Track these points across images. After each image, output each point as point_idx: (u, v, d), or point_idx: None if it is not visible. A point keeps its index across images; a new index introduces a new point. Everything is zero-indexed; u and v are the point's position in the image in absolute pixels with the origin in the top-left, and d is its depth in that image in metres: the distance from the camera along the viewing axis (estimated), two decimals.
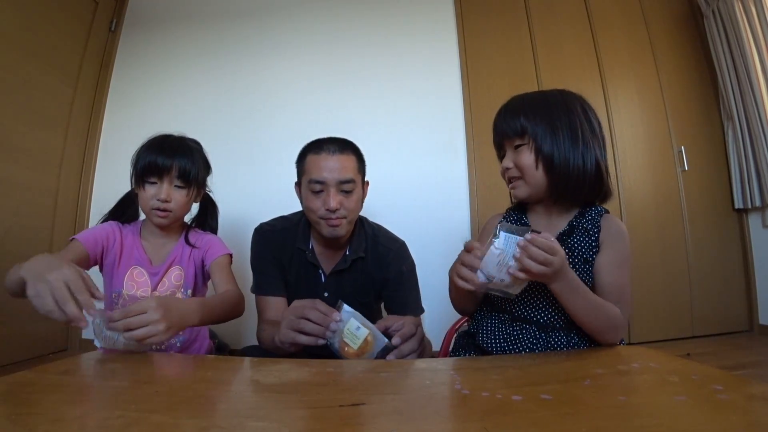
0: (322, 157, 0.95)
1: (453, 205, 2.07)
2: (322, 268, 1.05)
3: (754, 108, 1.98)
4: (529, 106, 0.80)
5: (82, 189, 2.16)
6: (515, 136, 0.79)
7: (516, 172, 0.79)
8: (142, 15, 2.43)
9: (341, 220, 0.96)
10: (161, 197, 0.92)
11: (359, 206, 1.02)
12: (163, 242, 1.02)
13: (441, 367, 0.58)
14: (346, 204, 0.96)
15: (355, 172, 0.98)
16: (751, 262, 2.12)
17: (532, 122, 0.77)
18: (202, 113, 2.22)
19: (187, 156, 0.96)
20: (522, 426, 0.35)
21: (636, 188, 2.13)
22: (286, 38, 2.31)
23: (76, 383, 0.50)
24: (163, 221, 0.96)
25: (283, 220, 1.11)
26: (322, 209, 0.94)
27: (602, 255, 0.74)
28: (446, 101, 2.17)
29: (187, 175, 0.95)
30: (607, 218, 0.78)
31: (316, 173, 0.95)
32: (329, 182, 0.94)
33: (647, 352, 0.60)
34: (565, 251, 0.72)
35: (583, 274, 0.73)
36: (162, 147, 0.95)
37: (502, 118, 0.82)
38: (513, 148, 0.79)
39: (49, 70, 1.98)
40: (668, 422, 0.35)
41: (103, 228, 0.98)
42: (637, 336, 1.99)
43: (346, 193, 0.96)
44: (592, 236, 0.75)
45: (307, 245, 1.05)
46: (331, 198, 0.93)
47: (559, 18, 2.28)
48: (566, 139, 0.76)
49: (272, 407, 0.42)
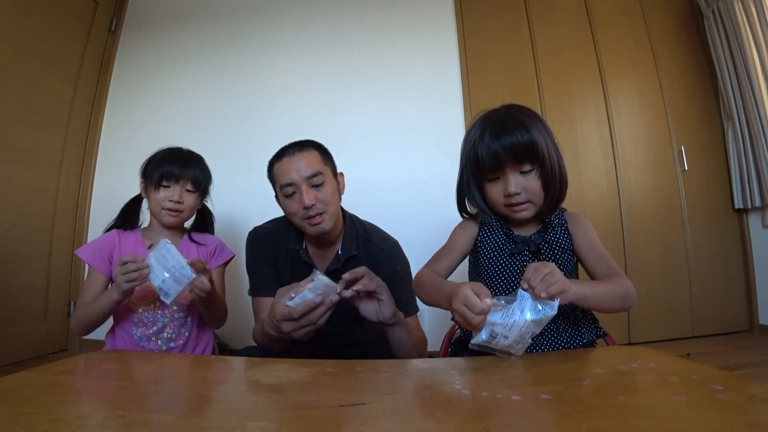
0: (284, 161, 0.99)
1: (452, 204, 2.06)
2: (316, 267, 1.06)
3: (754, 108, 1.97)
4: (534, 128, 0.77)
5: (82, 189, 2.16)
6: (527, 162, 0.76)
7: (524, 197, 0.78)
8: (142, 15, 2.43)
9: (322, 216, 0.97)
10: (175, 198, 1.04)
11: (336, 198, 1.03)
12: None
13: (441, 367, 0.58)
14: (321, 197, 0.97)
15: (320, 165, 1.00)
16: (751, 262, 2.12)
17: (540, 141, 0.76)
18: (201, 113, 2.22)
19: (199, 166, 1.10)
20: (522, 426, 0.35)
21: (636, 188, 2.13)
22: (286, 38, 2.31)
23: (76, 383, 0.50)
24: (173, 220, 1.06)
25: (276, 223, 1.12)
26: (301, 209, 0.96)
27: (579, 240, 0.83)
28: (446, 101, 2.17)
29: (198, 182, 1.08)
30: (571, 213, 0.88)
31: (284, 178, 0.97)
32: (297, 181, 0.96)
33: (647, 352, 0.60)
34: (545, 245, 0.82)
35: (565, 262, 0.81)
36: (176, 157, 1.08)
37: (508, 133, 0.76)
38: (518, 172, 0.77)
39: (49, 70, 1.98)
40: (668, 422, 0.35)
41: (103, 241, 1.05)
42: (637, 336, 1.99)
43: (317, 187, 0.98)
44: (563, 229, 0.84)
45: (300, 245, 1.06)
46: (305, 195, 0.95)
47: (559, 18, 2.28)
48: (559, 159, 0.80)
49: (272, 407, 0.42)
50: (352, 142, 2.13)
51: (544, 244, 0.82)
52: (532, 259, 0.81)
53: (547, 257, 0.80)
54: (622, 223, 2.09)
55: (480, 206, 0.85)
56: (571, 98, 2.16)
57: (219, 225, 1.23)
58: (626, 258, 2.05)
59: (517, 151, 0.75)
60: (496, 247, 0.83)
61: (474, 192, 0.85)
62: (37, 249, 1.90)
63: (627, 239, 2.07)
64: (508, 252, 0.82)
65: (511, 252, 0.81)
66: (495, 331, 0.56)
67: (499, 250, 0.82)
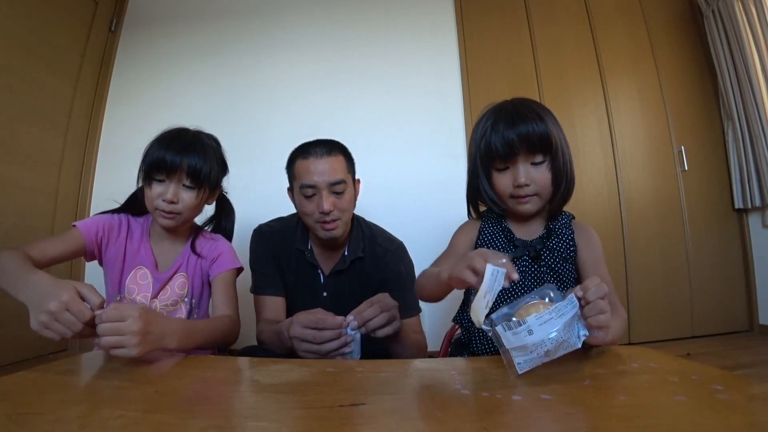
0: (310, 161, 0.95)
1: (453, 205, 2.06)
2: (321, 268, 1.05)
3: (754, 108, 1.97)
4: (549, 120, 0.77)
5: (82, 189, 2.16)
6: (540, 152, 0.75)
7: (532, 189, 0.76)
8: (142, 15, 2.43)
9: (336, 222, 0.96)
10: (167, 198, 0.85)
11: (352, 206, 1.02)
12: (170, 245, 0.97)
13: (441, 367, 0.58)
14: (339, 205, 0.96)
15: (345, 173, 0.98)
16: (751, 262, 2.12)
17: (554, 132, 0.76)
18: (202, 113, 2.21)
19: (200, 154, 0.88)
20: (522, 426, 0.35)
21: (636, 188, 2.13)
22: (286, 38, 2.31)
23: (76, 383, 0.50)
24: (168, 222, 0.88)
25: (281, 222, 1.11)
26: (317, 213, 0.95)
27: (583, 255, 0.79)
28: (446, 101, 2.17)
29: (198, 175, 0.87)
30: (579, 223, 0.83)
31: (306, 178, 0.95)
32: (320, 185, 0.94)
33: (647, 352, 0.60)
34: (546, 252, 0.79)
35: (565, 272, 0.77)
36: (173, 142, 0.87)
37: (523, 122, 0.74)
38: (529, 163, 0.76)
39: (49, 70, 1.98)
40: (668, 422, 0.35)
41: (107, 219, 0.91)
42: (637, 336, 1.99)
43: (338, 195, 0.96)
44: (568, 238, 0.80)
45: (306, 246, 1.05)
46: (324, 201, 0.93)
47: (559, 18, 2.28)
48: (567, 150, 0.79)
49: (272, 407, 0.42)
50: (352, 142, 2.09)
51: (546, 251, 0.79)
52: (532, 264, 0.79)
53: (548, 264, 0.79)
54: (622, 223, 2.09)
55: (489, 196, 0.82)
56: (571, 98, 2.16)
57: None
58: (626, 258, 2.05)
59: (531, 139, 0.73)
60: (495, 249, 0.83)
61: (483, 182, 0.82)
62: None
63: (627, 239, 2.07)
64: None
65: (512, 257, 0.80)
66: (517, 322, 0.49)
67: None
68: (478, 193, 0.85)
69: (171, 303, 0.94)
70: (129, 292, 0.92)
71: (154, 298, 0.93)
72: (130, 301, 0.91)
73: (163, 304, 0.94)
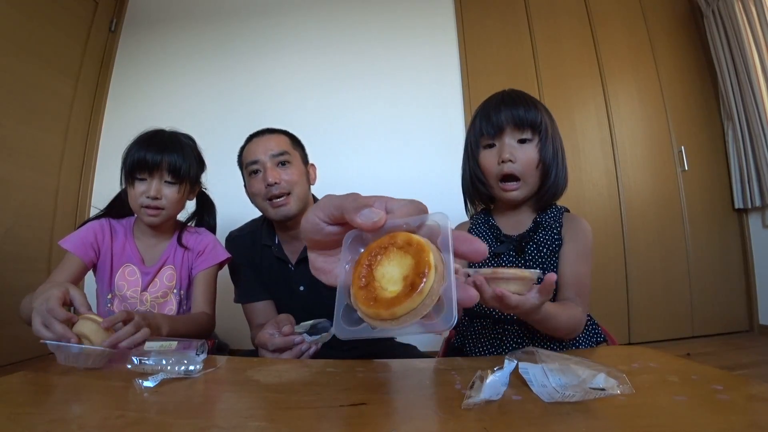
0: (252, 142, 1.00)
1: (451, 201, 2.06)
2: (289, 260, 1.03)
3: (754, 108, 1.97)
4: (540, 107, 0.78)
5: (82, 189, 2.16)
6: (528, 127, 0.75)
7: (517, 167, 0.75)
8: (142, 15, 2.43)
9: (287, 197, 0.95)
10: (151, 194, 0.89)
11: (304, 181, 1.01)
12: (155, 241, 0.99)
13: (441, 367, 0.58)
14: (285, 176, 0.95)
15: (288, 147, 1.00)
16: (751, 262, 2.12)
17: (544, 118, 0.76)
18: (201, 113, 2.22)
19: (178, 151, 0.92)
20: (522, 426, 0.35)
21: (636, 188, 2.13)
22: (286, 38, 2.31)
23: (76, 383, 0.50)
24: (154, 219, 0.92)
25: (251, 224, 1.12)
26: (263, 188, 0.95)
27: (565, 247, 0.77)
28: (446, 100, 2.17)
29: (178, 171, 0.91)
30: (570, 216, 0.81)
31: (250, 156, 0.97)
32: (263, 159, 0.96)
33: (647, 352, 0.60)
34: (532, 246, 0.78)
35: (550, 266, 0.76)
36: (151, 142, 0.91)
37: (513, 104, 0.76)
38: (516, 140, 0.76)
39: (49, 70, 1.98)
40: (668, 422, 0.35)
41: (90, 228, 0.94)
42: (637, 336, 1.99)
43: (282, 166, 0.96)
44: (555, 231, 0.78)
45: (272, 241, 1.04)
46: (268, 172, 0.94)
47: (559, 17, 2.28)
48: (559, 142, 0.79)
49: (272, 407, 0.42)
50: (352, 142, 2.13)
51: (532, 244, 0.78)
52: (517, 258, 0.79)
53: (533, 258, 0.78)
54: (622, 223, 2.09)
55: (477, 177, 0.82)
56: (571, 98, 2.16)
57: (220, 228, 1.15)
58: (626, 258, 2.05)
59: (518, 115, 0.75)
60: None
61: (471, 163, 0.83)
62: (37, 249, 1.90)
63: (627, 239, 2.07)
64: (491, 252, 0.79)
65: (495, 252, 0.79)
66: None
67: None
68: (469, 180, 0.85)
69: (161, 295, 0.96)
70: (119, 289, 0.94)
71: (144, 291, 0.95)
72: (121, 297, 0.93)
73: (154, 296, 0.95)
